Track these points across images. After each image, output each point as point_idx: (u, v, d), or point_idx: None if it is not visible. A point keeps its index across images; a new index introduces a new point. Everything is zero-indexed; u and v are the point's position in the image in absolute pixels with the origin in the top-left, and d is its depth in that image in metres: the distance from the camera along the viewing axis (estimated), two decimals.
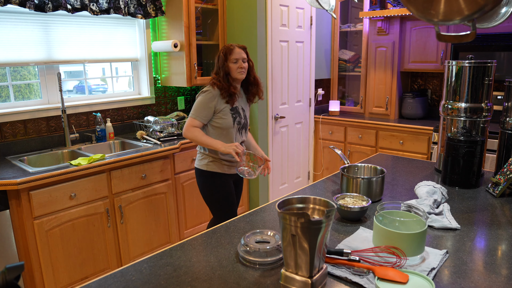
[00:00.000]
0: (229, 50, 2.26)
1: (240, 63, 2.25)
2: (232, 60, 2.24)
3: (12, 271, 0.79)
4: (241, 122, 2.35)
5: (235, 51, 2.26)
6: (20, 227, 2.18)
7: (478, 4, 1.25)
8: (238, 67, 2.24)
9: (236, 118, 2.31)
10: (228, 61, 2.25)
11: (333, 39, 4.28)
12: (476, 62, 1.88)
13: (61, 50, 2.86)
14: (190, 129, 2.25)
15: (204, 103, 2.24)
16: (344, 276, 1.10)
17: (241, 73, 2.26)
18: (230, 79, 2.26)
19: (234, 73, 2.25)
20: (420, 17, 1.43)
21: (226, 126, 2.27)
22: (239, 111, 2.33)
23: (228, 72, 2.25)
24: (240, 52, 2.27)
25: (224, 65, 2.25)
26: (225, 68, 2.25)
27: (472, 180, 1.83)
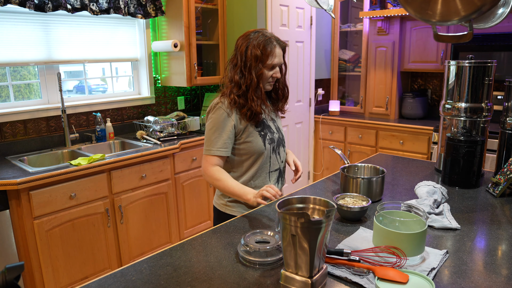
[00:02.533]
0: (270, 47, 1.53)
1: (277, 71, 1.59)
2: (269, 65, 1.55)
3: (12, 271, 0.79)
4: (275, 139, 1.67)
5: (277, 51, 1.56)
6: (20, 227, 2.18)
7: (475, 5, 1.25)
8: (272, 75, 1.58)
9: (267, 135, 1.64)
10: (264, 65, 1.54)
11: (333, 39, 4.27)
12: (476, 62, 1.88)
13: (61, 50, 2.86)
14: (208, 171, 1.58)
15: (217, 126, 1.56)
16: (344, 276, 1.10)
17: (271, 85, 1.63)
18: (260, 90, 1.57)
19: (265, 83, 1.59)
20: (417, 17, 1.44)
21: (256, 151, 1.61)
22: (268, 124, 1.67)
23: (260, 80, 1.55)
24: (281, 54, 1.58)
25: (257, 68, 1.53)
26: (258, 74, 1.53)
27: (472, 180, 1.83)
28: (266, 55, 1.53)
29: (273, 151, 1.67)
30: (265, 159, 1.65)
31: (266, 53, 1.53)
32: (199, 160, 3.10)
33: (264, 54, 1.53)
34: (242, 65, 1.55)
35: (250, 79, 1.54)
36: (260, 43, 1.53)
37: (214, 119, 1.57)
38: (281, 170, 1.73)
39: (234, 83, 1.57)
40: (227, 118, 1.57)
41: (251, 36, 1.56)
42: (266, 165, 1.67)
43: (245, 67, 1.54)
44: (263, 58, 1.53)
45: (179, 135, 3.12)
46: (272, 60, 1.55)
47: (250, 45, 1.53)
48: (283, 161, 1.73)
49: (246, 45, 1.55)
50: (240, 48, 1.56)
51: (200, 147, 3.11)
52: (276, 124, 1.73)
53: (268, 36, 1.55)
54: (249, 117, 1.58)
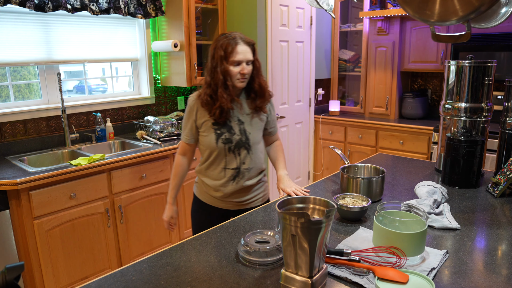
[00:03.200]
0: (231, 46, 1.62)
1: (243, 67, 1.64)
2: (233, 62, 1.63)
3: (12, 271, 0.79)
4: (233, 140, 1.70)
5: (239, 48, 1.63)
6: (20, 227, 2.18)
7: (473, 5, 1.25)
8: (239, 72, 1.64)
9: (222, 135, 1.69)
10: (228, 62, 1.63)
11: (333, 39, 4.28)
12: (476, 62, 1.88)
13: (61, 50, 2.86)
14: (176, 155, 1.86)
15: (186, 116, 1.76)
16: (344, 276, 1.10)
17: (242, 82, 1.67)
18: (230, 87, 1.66)
19: (233, 79, 1.65)
20: (416, 17, 1.44)
21: (208, 146, 1.72)
22: (231, 125, 1.71)
23: (226, 77, 1.64)
24: (246, 50, 1.64)
25: (222, 65, 1.63)
26: (224, 72, 1.63)
27: (472, 180, 1.83)
28: (228, 52, 1.62)
29: (229, 150, 1.71)
30: (219, 156, 1.73)
31: (228, 51, 1.62)
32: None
33: (227, 52, 1.62)
34: (210, 66, 1.68)
35: (217, 78, 1.64)
36: (223, 44, 1.64)
37: (186, 111, 1.77)
38: (240, 171, 1.74)
39: (206, 83, 1.70)
40: (192, 111, 1.73)
41: (218, 39, 1.68)
42: (222, 161, 1.73)
43: (214, 67, 1.66)
44: (227, 56, 1.63)
45: (179, 135, 3.12)
46: (235, 57, 1.62)
47: (216, 47, 1.66)
48: (244, 162, 1.74)
49: (213, 47, 1.67)
50: (210, 52, 1.69)
51: None
52: (243, 126, 1.73)
53: (232, 36, 1.65)
54: (219, 114, 1.66)
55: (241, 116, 1.73)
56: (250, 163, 1.75)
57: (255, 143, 1.75)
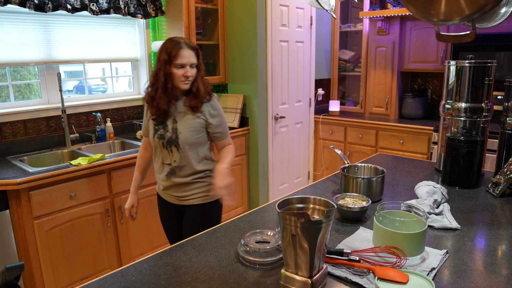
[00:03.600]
0: (175, 50, 1.71)
1: (187, 70, 1.73)
2: (177, 64, 1.71)
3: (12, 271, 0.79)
4: (166, 137, 1.80)
5: (183, 52, 1.72)
6: (20, 227, 2.18)
7: (478, 4, 1.25)
8: (183, 74, 1.73)
9: (158, 131, 1.82)
10: (171, 65, 1.72)
11: (333, 39, 4.28)
12: (476, 62, 1.88)
13: (61, 50, 2.86)
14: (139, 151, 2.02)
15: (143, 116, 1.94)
16: (344, 276, 1.10)
17: (185, 84, 1.75)
18: (169, 89, 1.76)
19: (177, 82, 1.74)
20: (420, 17, 1.44)
21: (151, 141, 1.87)
22: (166, 122, 1.81)
23: (170, 79, 1.74)
24: (190, 54, 1.74)
25: (165, 69, 1.72)
26: (166, 74, 1.73)
27: (472, 180, 1.83)
28: (172, 56, 1.71)
29: (163, 146, 1.83)
30: (157, 150, 1.86)
31: (172, 55, 1.71)
32: None
33: (171, 55, 1.71)
34: (155, 69, 1.77)
35: (159, 80, 1.74)
36: (168, 48, 1.72)
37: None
38: (172, 168, 1.83)
39: (150, 84, 1.81)
40: (145, 109, 1.89)
41: (164, 43, 1.76)
42: (160, 156, 1.86)
43: (158, 70, 1.76)
44: (170, 59, 1.71)
45: None
46: (178, 60, 1.71)
47: (162, 51, 1.74)
48: (176, 160, 1.82)
49: (160, 52, 1.75)
50: (157, 56, 1.77)
51: None
52: (176, 125, 1.80)
53: (176, 41, 1.74)
54: (156, 114, 1.78)
55: (177, 116, 1.81)
56: (180, 161, 1.81)
57: (185, 143, 1.79)
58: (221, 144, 1.92)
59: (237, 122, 3.47)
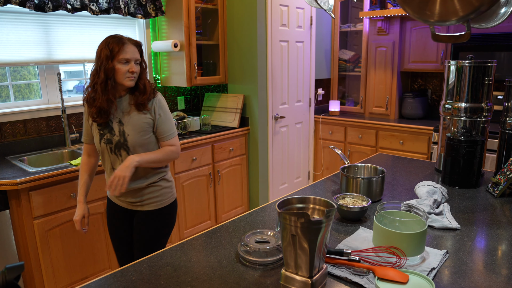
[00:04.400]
0: (118, 45, 1.64)
1: (132, 65, 1.67)
2: (121, 59, 1.65)
3: (12, 271, 0.79)
4: (113, 141, 1.72)
5: (127, 48, 1.66)
6: (20, 227, 2.18)
7: (473, 5, 1.25)
8: (128, 70, 1.67)
9: (105, 135, 1.72)
10: (114, 60, 1.65)
11: (333, 39, 4.28)
12: (476, 62, 1.88)
13: (61, 50, 2.86)
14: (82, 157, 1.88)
15: (84, 118, 1.82)
16: (344, 276, 1.10)
17: (131, 80, 1.69)
18: (110, 86, 1.67)
19: (121, 78, 1.67)
20: (416, 17, 1.44)
21: (97, 147, 1.78)
22: (112, 126, 1.72)
23: (111, 75, 1.66)
24: (134, 50, 1.69)
25: (107, 64, 1.63)
26: (108, 70, 1.63)
27: (472, 180, 1.83)
28: (116, 51, 1.64)
29: (111, 151, 1.74)
30: (104, 156, 1.77)
31: (115, 50, 1.64)
32: (199, 160, 3.10)
33: (114, 50, 1.63)
34: (97, 66, 1.67)
35: (100, 77, 1.64)
36: (110, 43, 1.65)
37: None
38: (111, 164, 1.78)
39: (90, 84, 1.70)
40: (85, 114, 1.78)
41: (106, 40, 1.69)
42: (108, 161, 1.77)
43: (98, 67, 1.66)
44: (114, 55, 1.63)
45: (179, 135, 3.12)
46: (123, 55, 1.64)
47: (103, 48, 1.66)
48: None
49: (100, 48, 1.67)
50: (97, 52, 1.68)
51: (200, 147, 3.11)
52: (123, 127, 1.71)
53: (119, 37, 1.68)
54: (97, 114, 1.68)
55: (122, 118, 1.72)
56: None
57: (135, 145, 1.72)
58: (164, 144, 1.81)
59: (237, 122, 3.47)
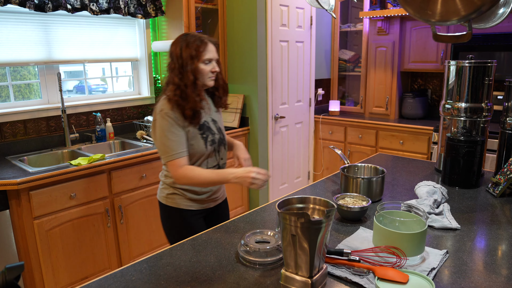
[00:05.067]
0: (202, 45, 1.61)
1: (214, 65, 1.66)
2: (205, 60, 1.62)
3: (12, 271, 0.79)
4: (216, 140, 1.72)
5: (209, 47, 1.64)
6: (20, 227, 2.18)
7: (474, 4, 1.25)
8: (210, 70, 1.64)
9: (208, 137, 1.68)
10: (199, 60, 1.61)
11: (333, 39, 4.27)
12: (476, 62, 1.88)
13: (61, 50, 2.86)
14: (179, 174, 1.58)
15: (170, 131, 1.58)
16: (344, 276, 1.10)
17: (212, 80, 1.68)
18: (199, 86, 1.63)
19: (205, 78, 1.64)
20: (417, 17, 1.44)
21: (197, 153, 1.66)
22: (209, 125, 1.71)
23: (197, 76, 1.61)
24: (214, 49, 1.66)
25: (192, 64, 1.59)
26: (194, 70, 1.60)
27: (472, 180, 1.83)
28: (200, 51, 1.60)
29: (215, 152, 1.72)
30: (203, 158, 1.70)
31: (199, 50, 1.60)
32: None
33: (198, 51, 1.60)
34: (178, 66, 1.61)
35: (187, 77, 1.59)
36: (192, 42, 1.61)
37: (164, 126, 1.59)
38: (219, 166, 1.77)
39: (174, 85, 1.60)
40: (177, 122, 1.59)
41: (181, 39, 1.64)
42: (204, 164, 1.71)
43: (182, 67, 1.60)
44: (198, 55, 1.60)
45: None
46: (206, 55, 1.62)
47: (183, 47, 1.61)
48: (222, 158, 1.77)
49: (179, 47, 1.61)
50: (175, 52, 1.63)
51: None
52: (217, 125, 1.76)
53: (198, 36, 1.64)
54: (191, 117, 1.60)
55: (212, 115, 1.74)
56: (225, 157, 1.79)
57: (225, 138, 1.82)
58: None
59: (237, 122, 3.47)
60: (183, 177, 1.58)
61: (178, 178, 1.59)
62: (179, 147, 1.59)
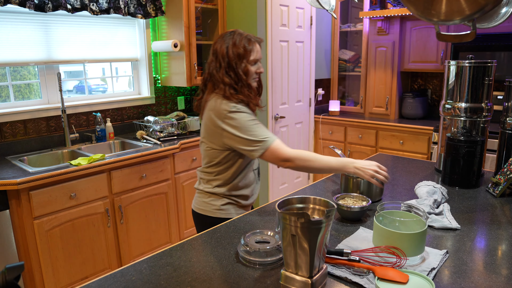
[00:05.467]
0: (250, 45, 1.54)
1: (260, 66, 1.60)
2: (252, 61, 1.56)
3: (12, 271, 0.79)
4: None
5: (256, 47, 1.57)
6: (20, 227, 2.18)
7: (479, 4, 1.25)
8: (256, 71, 1.58)
9: None
10: (247, 61, 1.55)
11: (333, 39, 4.27)
12: (476, 62, 1.88)
13: (61, 50, 2.86)
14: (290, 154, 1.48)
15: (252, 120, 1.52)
16: (344, 276, 1.10)
17: (256, 81, 1.62)
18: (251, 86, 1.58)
19: (250, 79, 1.57)
20: (420, 17, 1.44)
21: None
22: None
23: (247, 76, 1.55)
24: (260, 49, 1.60)
25: (242, 65, 1.53)
26: (245, 71, 1.54)
27: (472, 180, 1.83)
28: (248, 51, 1.54)
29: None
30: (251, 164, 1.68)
31: (248, 50, 1.54)
32: (199, 160, 3.10)
33: (246, 50, 1.53)
34: (226, 66, 1.53)
35: (240, 77, 1.53)
36: (240, 41, 1.53)
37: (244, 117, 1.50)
38: (259, 168, 1.78)
39: (226, 85, 1.53)
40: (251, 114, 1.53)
41: (228, 37, 1.56)
42: (250, 165, 1.68)
43: (230, 67, 1.53)
44: (246, 55, 1.53)
45: (179, 135, 3.12)
46: (254, 56, 1.56)
47: (230, 45, 1.53)
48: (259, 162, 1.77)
49: (225, 46, 1.54)
50: (220, 50, 1.55)
51: (199, 148, 3.10)
52: None
53: (245, 35, 1.57)
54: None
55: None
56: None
57: None
58: None
59: None
60: (297, 157, 1.47)
61: (292, 158, 1.47)
62: (267, 131, 1.53)
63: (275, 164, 1.52)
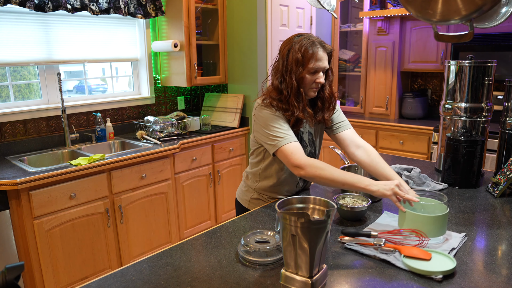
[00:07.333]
0: (311, 52, 1.45)
1: (320, 76, 1.49)
2: (311, 69, 1.47)
3: (12, 271, 0.79)
4: (307, 152, 1.62)
5: (319, 55, 1.47)
6: (20, 227, 2.18)
7: (476, 4, 1.25)
8: (315, 80, 1.49)
9: None
10: (304, 69, 1.46)
11: (333, 39, 4.27)
12: (476, 62, 1.88)
13: (61, 50, 2.86)
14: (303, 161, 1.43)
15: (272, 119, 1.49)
16: (372, 254, 1.19)
17: (314, 91, 1.53)
18: (302, 94, 1.49)
19: (307, 88, 1.51)
20: (418, 17, 1.44)
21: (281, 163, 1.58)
22: (303, 137, 1.61)
23: (301, 84, 1.48)
24: (325, 58, 1.49)
25: (297, 70, 1.46)
26: (298, 78, 1.47)
27: (472, 180, 1.83)
28: (307, 58, 1.45)
29: None
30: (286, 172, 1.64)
31: (307, 56, 1.45)
32: (199, 160, 3.10)
33: (305, 57, 1.45)
34: (283, 69, 1.49)
35: (291, 84, 1.46)
36: (302, 46, 1.46)
37: (266, 115, 1.49)
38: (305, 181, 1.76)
39: (274, 87, 1.52)
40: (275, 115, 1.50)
41: (294, 39, 1.50)
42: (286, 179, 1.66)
43: (286, 71, 1.48)
44: (304, 62, 1.45)
45: (179, 135, 3.12)
46: (313, 64, 1.46)
47: (292, 49, 1.48)
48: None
49: (288, 48, 1.49)
50: (283, 52, 1.51)
51: (200, 147, 3.11)
52: (311, 137, 1.65)
53: (311, 39, 1.48)
54: (292, 124, 1.51)
55: (309, 128, 1.63)
56: None
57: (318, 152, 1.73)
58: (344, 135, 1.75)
59: (237, 122, 3.47)
60: (308, 164, 1.41)
61: (303, 165, 1.41)
62: (291, 134, 1.48)
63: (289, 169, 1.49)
